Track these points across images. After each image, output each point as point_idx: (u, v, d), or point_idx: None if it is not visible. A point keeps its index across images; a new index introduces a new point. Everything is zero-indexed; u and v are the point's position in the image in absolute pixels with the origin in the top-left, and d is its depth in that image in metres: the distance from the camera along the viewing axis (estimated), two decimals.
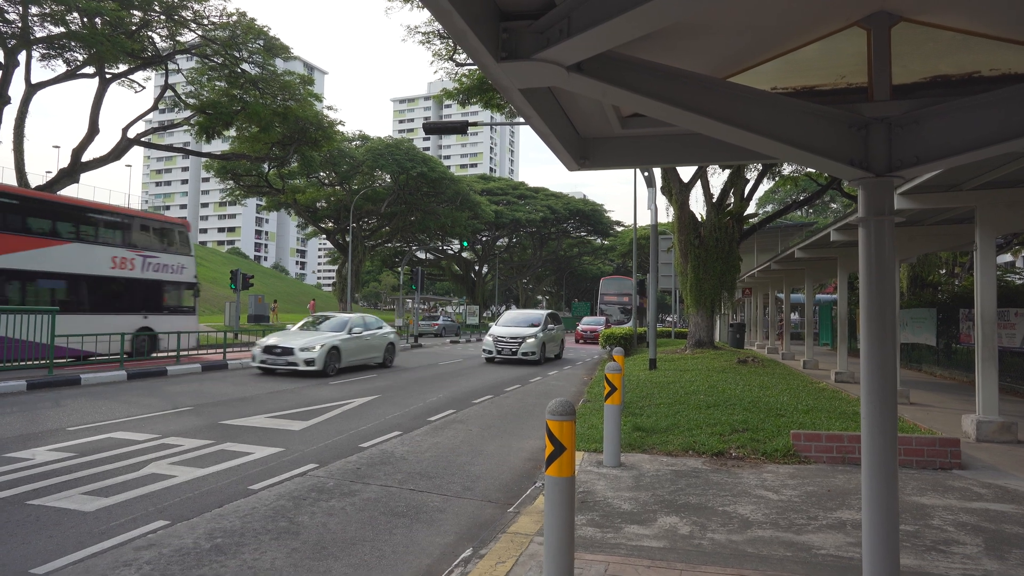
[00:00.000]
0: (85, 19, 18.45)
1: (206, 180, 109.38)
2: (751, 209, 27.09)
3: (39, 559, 3.98)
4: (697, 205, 35.68)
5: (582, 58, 2.33)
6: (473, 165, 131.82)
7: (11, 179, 38.30)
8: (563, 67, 2.32)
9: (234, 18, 21.77)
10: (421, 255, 62.72)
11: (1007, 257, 31.01)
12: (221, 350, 18.69)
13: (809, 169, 21.16)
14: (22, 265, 14.38)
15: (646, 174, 17.25)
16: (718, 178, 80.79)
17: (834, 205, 46.68)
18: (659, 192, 20.46)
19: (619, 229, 66.89)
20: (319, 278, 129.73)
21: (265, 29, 22.60)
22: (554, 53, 2.23)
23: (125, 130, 21.10)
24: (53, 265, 15.02)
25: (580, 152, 3.75)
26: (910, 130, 2.85)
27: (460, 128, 16.48)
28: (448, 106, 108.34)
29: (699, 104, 2.70)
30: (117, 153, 21.07)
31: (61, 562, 3.94)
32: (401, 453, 7.18)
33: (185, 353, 17.36)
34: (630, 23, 2.05)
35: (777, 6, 2.76)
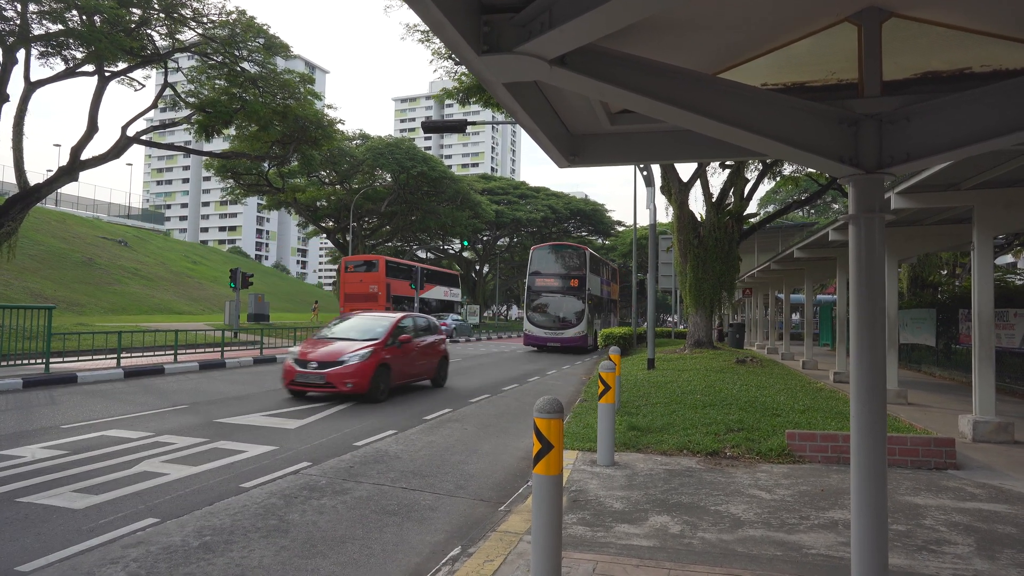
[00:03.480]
0: (84, 17, 18.41)
1: (207, 179, 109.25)
2: (752, 209, 27.12)
3: (25, 556, 3.96)
4: (697, 205, 35.34)
5: (565, 51, 2.30)
6: (475, 164, 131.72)
7: (10, 177, 38.15)
8: (546, 61, 2.29)
9: (234, 16, 21.72)
10: (422, 254, 62.73)
11: (1008, 258, 30.96)
12: (219, 349, 18.70)
13: (810, 168, 21.16)
14: (428, 296, 36.23)
15: (645, 173, 17.22)
16: (718, 178, 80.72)
17: (836, 206, 46.60)
18: (658, 191, 20.43)
19: (620, 229, 66.78)
20: (320, 277, 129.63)
21: (265, 27, 22.55)
22: (536, 46, 2.20)
23: (124, 128, 21.06)
24: (432, 295, 37.39)
25: (570, 149, 3.72)
26: (900, 126, 2.83)
27: (459, 127, 16.46)
28: (450, 105, 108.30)
29: (687, 100, 2.68)
30: (117, 151, 21.04)
31: (47, 559, 3.92)
32: (395, 452, 7.16)
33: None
34: (612, 14, 2.02)
35: (767, 1, 2.73)
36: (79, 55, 19.52)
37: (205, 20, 21.14)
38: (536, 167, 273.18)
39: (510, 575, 3.67)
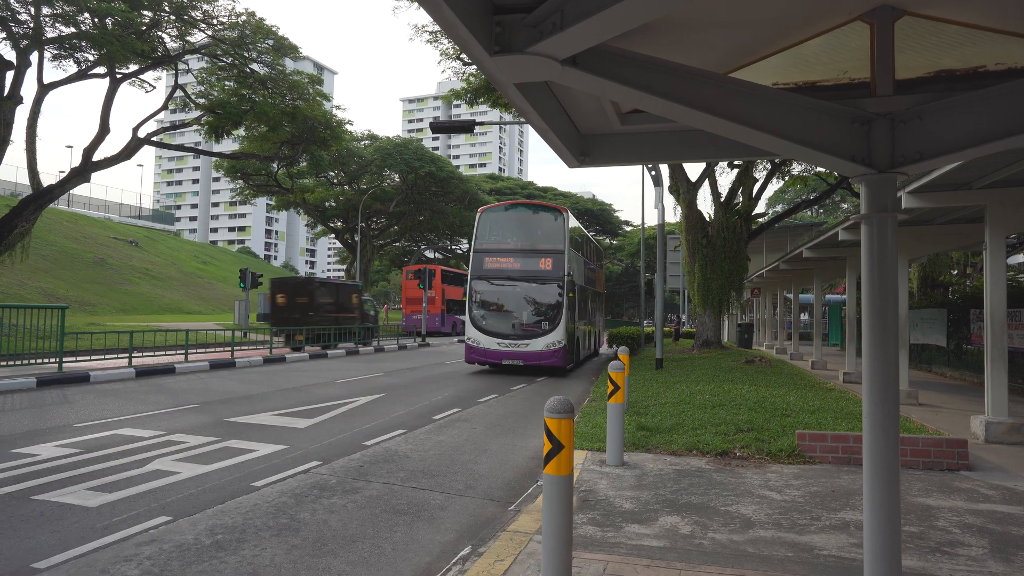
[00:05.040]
0: (96, 19, 18.55)
1: (216, 180, 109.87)
2: (760, 208, 26.95)
3: (41, 553, 4.00)
4: (705, 204, 35.21)
5: (576, 51, 2.31)
6: (482, 165, 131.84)
7: (24, 179, 38.46)
8: (557, 61, 2.30)
9: (243, 18, 21.85)
10: (430, 254, 62.83)
11: (1020, 257, 30.66)
12: (229, 348, 18.81)
13: (819, 168, 21.04)
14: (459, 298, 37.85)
15: (653, 173, 17.18)
16: (726, 177, 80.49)
17: (845, 205, 46.26)
18: (667, 191, 20.37)
19: (628, 229, 66.72)
20: (328, 277, 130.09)
21: (274, 29, 22.69)
22: (548, 46, 2.21)
23: (136, 130, 21.22)
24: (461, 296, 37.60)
25: (580, 149, 3.73)
26: (913, 125, 2.81)
27: (467, 127, 16.48)
28: (457, 106, 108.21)
29: (698, 99, 2.67)
30: (128, 153, 21.20)
31: (63, 557, 3.96)
32: (404, 451, 7.18)
33: None
34: (624, 14, 2.03)
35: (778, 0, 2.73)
36: (91, 57, 19.67)
37: (215, 22, 21.26)
38: (544, 167, 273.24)
39: (521, 575, 3.67)
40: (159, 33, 21.02)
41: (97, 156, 20.44)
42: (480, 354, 16.45)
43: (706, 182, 21.47)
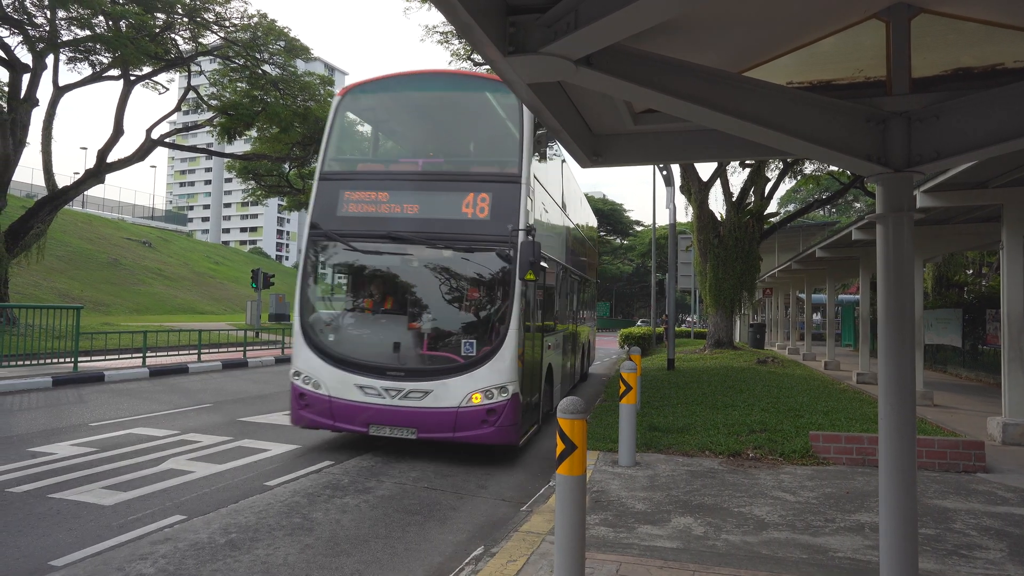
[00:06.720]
0: (110, 22, 18.76)
1: (228, 180, 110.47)
2: (772, 208, 26.75)
3: (59, 551, 4.05)
4: (717, 204, 34.81)
5: (590, 51, 2.31)
6: None
7: (39, 180, 38.95)
8: (571, 61, 2.29)
9: (255, 20, 22.00)
10: None
11: None
12: (241, 348, 18.95)
13: (832, 168, 20.88)
14: None
15: (664, 172, 17.12)
16: (738, 177, 79.65)
17: (857, 204, 45.85)
18: (678, 191, 20.28)
19: (639, 229, 66.46)
20: None
21: (286, 30, 22.82)
22: (562, 46, 2.20)
23: (149, 131, 21.41)
24: None
25: (593, 149, 3.72)
26: (930, 124, 2.78)
27: None
28: None
29: (712, 99, 2.66)
30: (141, 154, 21.39)
31: (80, 554, 4.00)
32: (415, 450, 7.19)
33: None
34: (638, 14, 2.02)
35: None
36: (105, 60, 19.88)
37: (227, 24, 21.42)
38: None
39: (533, 575, 3.67)
40: (172, 35, 21.21)
41: (111, 158, 20.65)
42: (321, 411, 7.06)
43: (718, 182, 21.33)
